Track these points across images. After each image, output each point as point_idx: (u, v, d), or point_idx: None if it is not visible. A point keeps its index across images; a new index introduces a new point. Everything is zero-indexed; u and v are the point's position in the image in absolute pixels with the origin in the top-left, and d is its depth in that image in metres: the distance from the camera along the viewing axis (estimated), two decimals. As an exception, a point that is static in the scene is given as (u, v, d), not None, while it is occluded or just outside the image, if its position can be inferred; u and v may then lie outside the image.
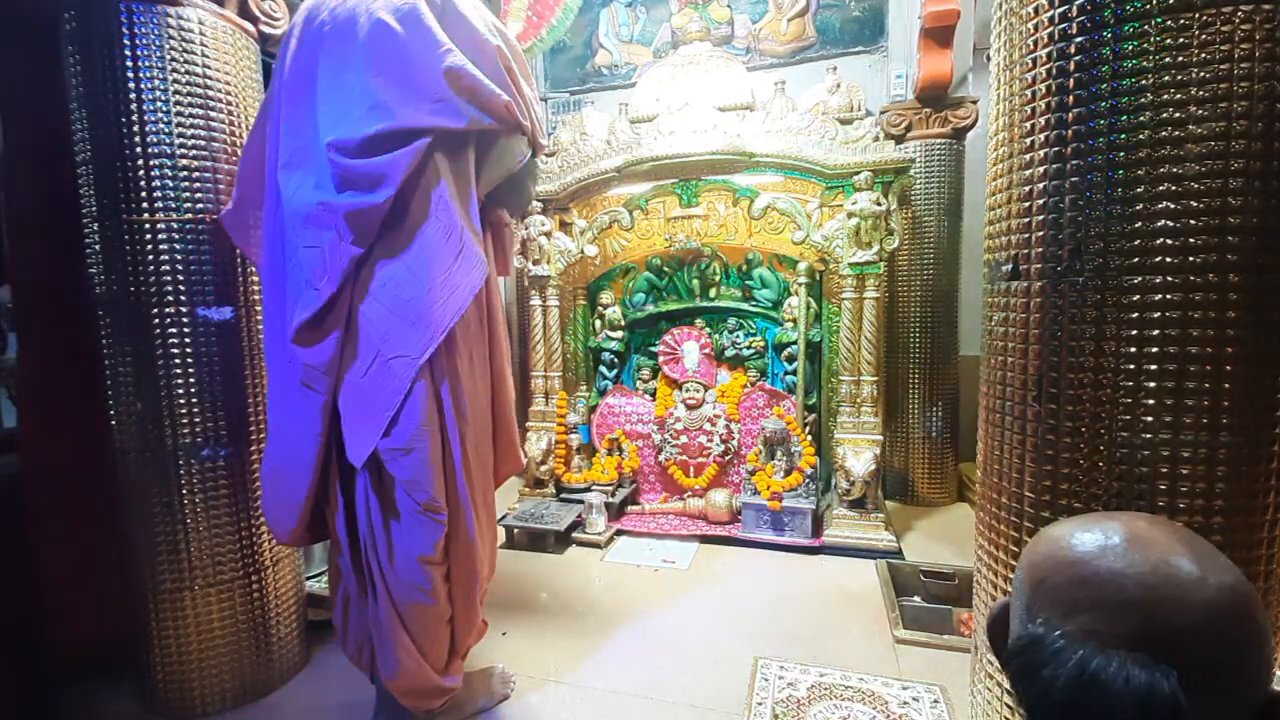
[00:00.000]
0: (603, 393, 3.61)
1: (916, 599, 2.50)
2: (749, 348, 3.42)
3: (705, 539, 3.07)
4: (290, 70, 1.51)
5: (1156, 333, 1.01)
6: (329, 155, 1.41)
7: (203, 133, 1.75)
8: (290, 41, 1.53)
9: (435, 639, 1.61)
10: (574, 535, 3.07)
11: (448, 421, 1.52)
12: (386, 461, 1.46)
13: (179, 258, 1.74)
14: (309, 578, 2.41)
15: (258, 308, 1.89)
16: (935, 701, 1.81)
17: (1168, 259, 0.99)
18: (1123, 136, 1.01)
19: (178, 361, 1.75)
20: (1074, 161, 1.05)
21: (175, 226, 1.73)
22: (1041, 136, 1.09)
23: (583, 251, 3.31)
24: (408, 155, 1.41)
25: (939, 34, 3.13)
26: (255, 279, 1.88)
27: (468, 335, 1.57)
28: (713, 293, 3.50)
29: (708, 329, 3.48)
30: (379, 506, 1.51)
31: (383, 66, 1.41)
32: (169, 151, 1.71)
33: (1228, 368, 0.99)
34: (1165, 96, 0.98)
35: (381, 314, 1.44)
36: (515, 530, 3.04)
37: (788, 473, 3.02)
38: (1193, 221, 0.98)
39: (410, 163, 1.41)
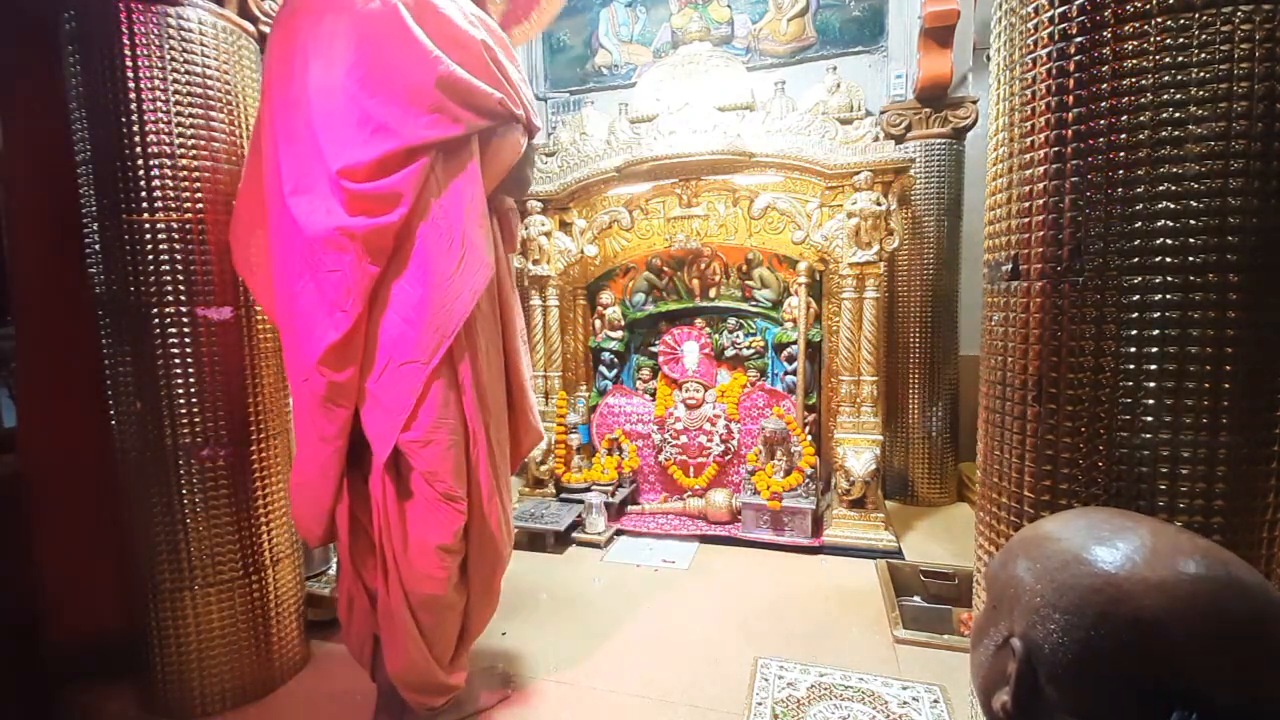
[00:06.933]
0: (603, 393, 3.61)
1: (916, 599, 2.50)
2: (749, 348, 3.42)
3: (705, 539, 3.07)
4: (277, 88, 1.52)
5: (1156, 333, 1.01)
6: (341, 183, 1.43)
7: (203, 133, 1.75)
8: (271, 55, 1.55)
9: (444, 631, 1.63)
10: (574, 535, 3.07)
11: (469, 413, 1.55)
12: (406, 454, 1.50)
13: (179, 258, 1.73)
14: (309, 578, 2.41)
15: (258, 307, 1.89)
16: (935, 701, 1.81)
17: (1168, 259, 0.99)
18: (1123, 136, 1.01)
19: (178, 361, 1.75)
20: (1074, 161, 1.05)
21: (175, 226, 1.73)
22: (1041, 136, 1.09)
23: (583, 251, 3.31)
24: (416, 171, 1.44)
25: (939, 34, 3.13)
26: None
27: (485, 325, 1.61)
28: (713, 293, 3.50)
29: (708, 329, 3.48)
30: (395, 496, 1.53)
31: (376, 86, 1.44)
32: (169, 151, 1.71)
33: (1228, 368, 0.98)
34: (1165, 96, 0.98)
35: (395, 322, 1.48)
36: (515, 530, 3.03)
37: (788, 473, 3.02)
38: (1193, 221, 0.98)
39: (420, 178, 1.45)
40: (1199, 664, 0.51)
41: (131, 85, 1.66)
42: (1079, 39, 1.03)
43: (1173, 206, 0.98)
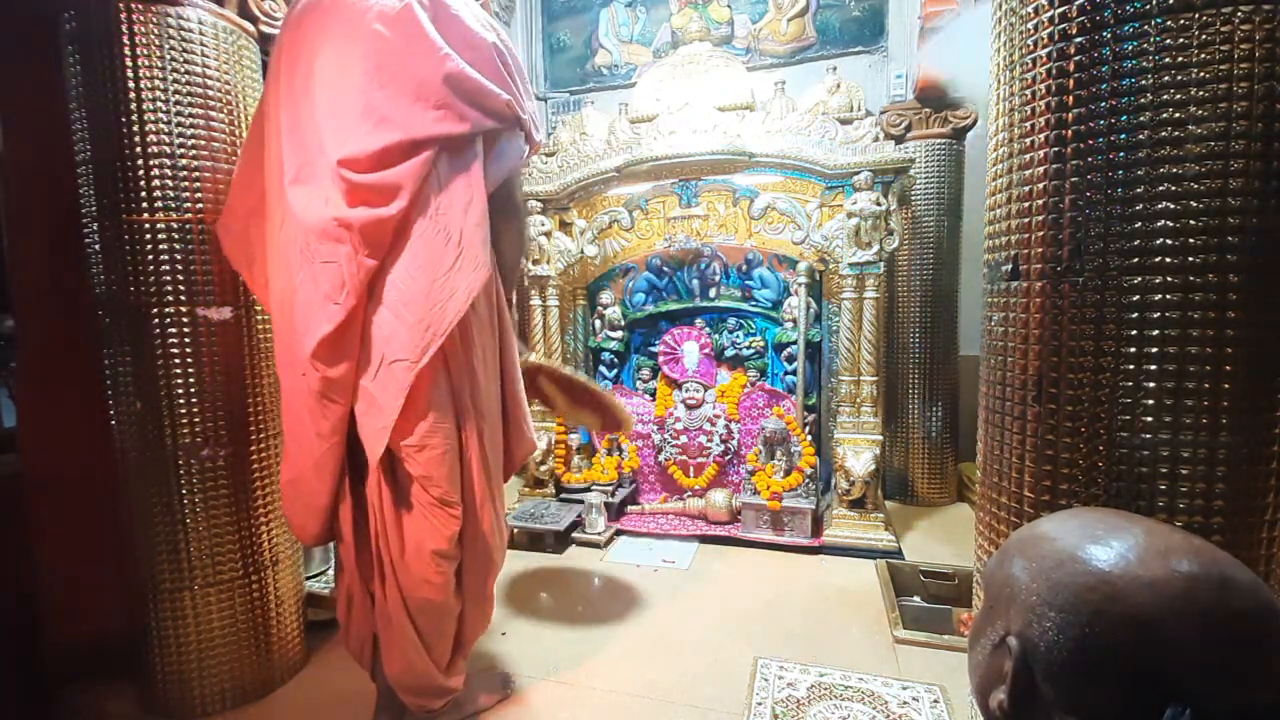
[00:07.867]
0: (603, 393, 3.60)
1: (916, 599, 2.50)
2: (749, 348, 3.42)
3: (705, 539, 3.08)
4: (284, 79, 1.51)
5: (1156, 333, 1.01)
6: (340, 172, 1.42)
7: (203, 133, 1.75)
8: (280, 48, 1.54)
9: (442, 635, 1.62)
10: (574, 535, 3.07)
11: (464, 419, 1.54)
12: (401, 458, 1.49)
13: (179, 258, 1.73)
14: (309, 578, 2.41)
15: (258, 307, 1.88)
16: (935, 701, 1.81)
17: (1168, 259, 0.99)
18: (1123, 136, 1.00)
19: (178, 361, 1.75)
20: (1074, 161, 1.05)
21: (175, 226, 1.73)
22: (1041, 136, 1.09)
23: (582, 251, 3.31)
24: (417, 165, 1.43)
25: (939, 34, 3.13)
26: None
27: (482, 329, 1.59)
28: (713, 293, 3.50)
29: (708, 329, 3.48)
30: (392, 501, 1.52)
31: (384, 79, 1.43)
32: (169, 151, 1.71)
33: (1228, 368, 0.98)
34: (1165, 96, 0.97)
35: (388, 319, 1.46)
36: (515, 530, 3.03)
37: (787, 473, 3.02)
38: (1193, 221, 0.98)
39: (421, 172, 1.43)
40: (1192, 661, 0.51)
41: (131, 85, 1.66)
42: (1079, 39, 1.03)
43: (1173, 206, 0.98)
